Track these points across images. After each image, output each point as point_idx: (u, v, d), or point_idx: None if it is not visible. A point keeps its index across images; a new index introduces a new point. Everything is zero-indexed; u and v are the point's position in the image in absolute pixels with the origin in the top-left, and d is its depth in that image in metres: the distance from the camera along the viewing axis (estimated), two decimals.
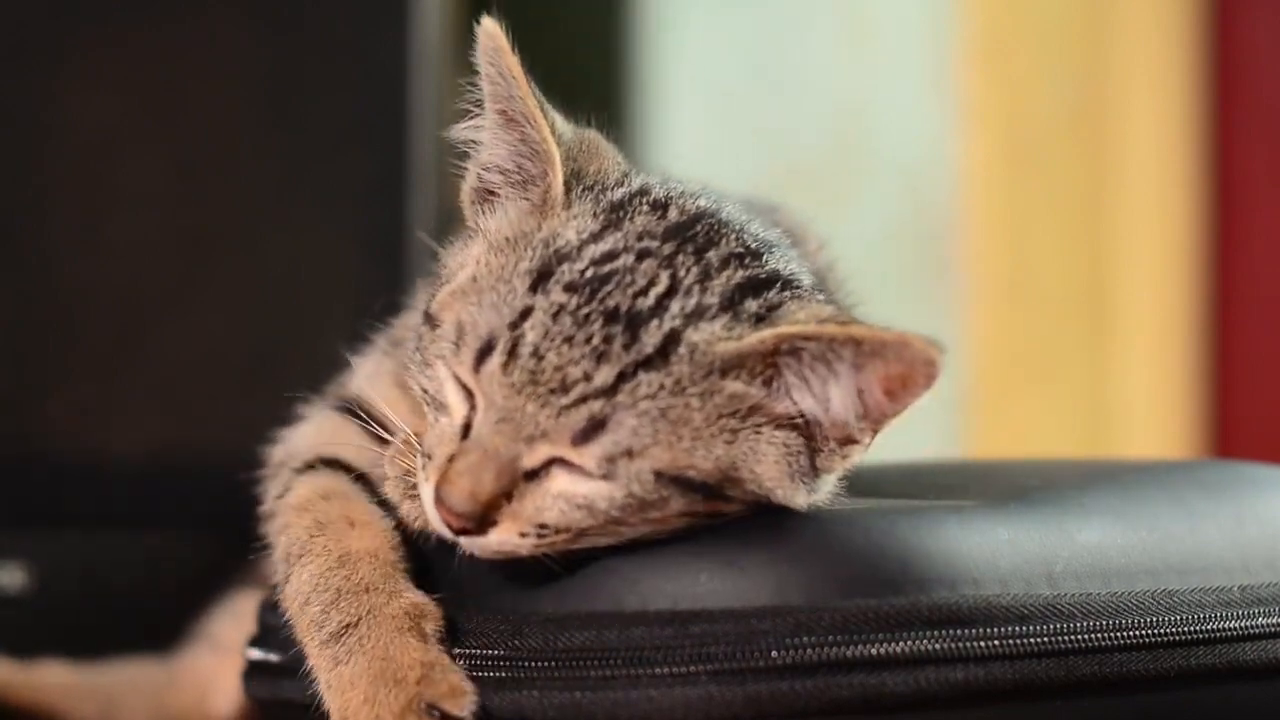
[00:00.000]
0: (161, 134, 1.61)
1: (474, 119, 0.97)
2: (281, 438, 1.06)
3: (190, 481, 1.06)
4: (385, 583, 0.92)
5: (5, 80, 1.60)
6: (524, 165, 0.95)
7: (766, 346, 0.88)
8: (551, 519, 0.87)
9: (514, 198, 0.95)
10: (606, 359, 0.87)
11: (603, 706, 0.87)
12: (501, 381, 0.87)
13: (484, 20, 0.94)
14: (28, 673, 1.36)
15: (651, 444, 0.87)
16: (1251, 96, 2.49)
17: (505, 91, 0.94)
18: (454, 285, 0.93)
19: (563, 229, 0.92)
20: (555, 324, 0.87)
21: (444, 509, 0.88)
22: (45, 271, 1.60)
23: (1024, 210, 2.34)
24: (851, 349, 0.87)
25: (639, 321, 0.87)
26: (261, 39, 1.63)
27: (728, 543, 0.89)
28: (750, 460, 0.89)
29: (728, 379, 0.88)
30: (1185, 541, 0.97)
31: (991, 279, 2.31)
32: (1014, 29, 2.33)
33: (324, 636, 0.91)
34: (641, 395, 0.86)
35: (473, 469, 0.87)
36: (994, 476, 1.06)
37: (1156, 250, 2.44)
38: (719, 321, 0.89)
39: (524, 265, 0.90)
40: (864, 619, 0.86)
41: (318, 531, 0.95)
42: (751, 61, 2.39)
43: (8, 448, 1.58)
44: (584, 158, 0.96)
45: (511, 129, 0.95)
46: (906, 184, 2.32)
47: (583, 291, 0.88)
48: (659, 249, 0.91)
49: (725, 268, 0.91)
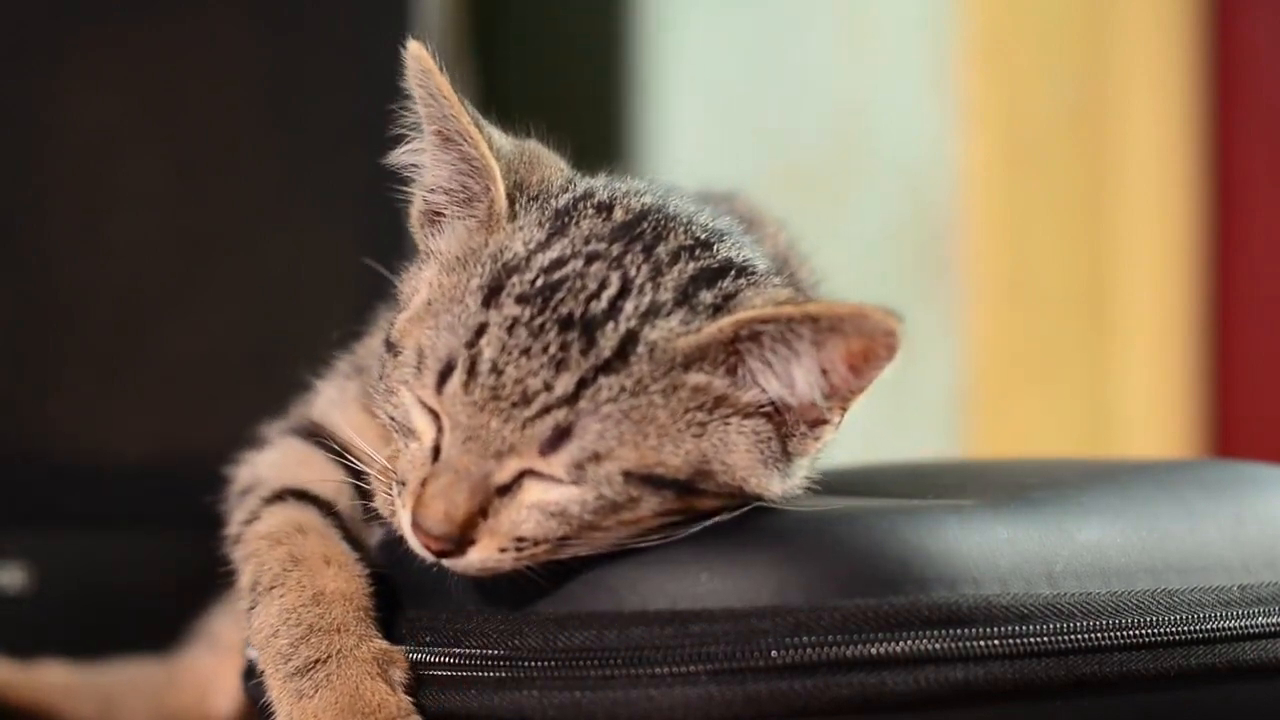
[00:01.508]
0: (161, 134, 1.61)
1: (411, 143, 0.97)
2: (245, 460, 1.06)
3: (190, 481, 1.06)
4: (357, 626, 0.93)
5: (5, 80, 1.60)
6: (466, 183, 0.95)
7: (725, 335, 0.88)
8: (528, 531, 0.87)
9: (460, 216, 0.95)
10: (565, 367, 0.87)
11: (603, 706, 0.87)
12: (464, 401, 0.87)
13: (410, 44, 0.94)
14: (28, 673, 1.36)
15: (618, 445, 0.87)
16: (1251, 96, 2.49)
17: (439, 112, 0.94)
18: (411, 310, 0.94)
19: (510, 242, 0.92)
20: (511, 337, 0.87)
21: (421, 534, 0.88)
22: (45, 271, 1.60)
23: (1024, 210, 2.34)
24: (809, 327, 0.87)
25: (594, 326, 0.87)
26: (261, 39, 1.63)
27: (728, 543, 0.89)
28: (721, 452, 0.89)
29: (690, 373, 0.88)
30: (1185, 541, 0.97)
31: (991, 279, 2.31)
32: (1014, 29, 2.33)
33: (290, 670, 0.91)
34: (604, 399, 0.86)
35: (445, 491, 0.87)
36: (993, 476, 1.06)
37: (1156, 250, 2.44)
38: (675, 317, 0.89)
39: (475, 282, 0.90)
40: (864, 618, 0.86)
41: (292, 565, 0.95)
42: (751, 61, 2.38)
43: (8, 448, 1.59)
44: (525, 168, 0.96)
45: (450, 148, 0.95)
46: (906, 184, 2.32)
47: (535, 302, 0.88)
48: (607, 251, 0.91)
49: (676, 262, 0.91)
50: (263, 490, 1.02)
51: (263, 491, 1.02)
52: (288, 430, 1.06)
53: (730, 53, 2.38)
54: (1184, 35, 2.46)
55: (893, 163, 2.32)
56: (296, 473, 1.02)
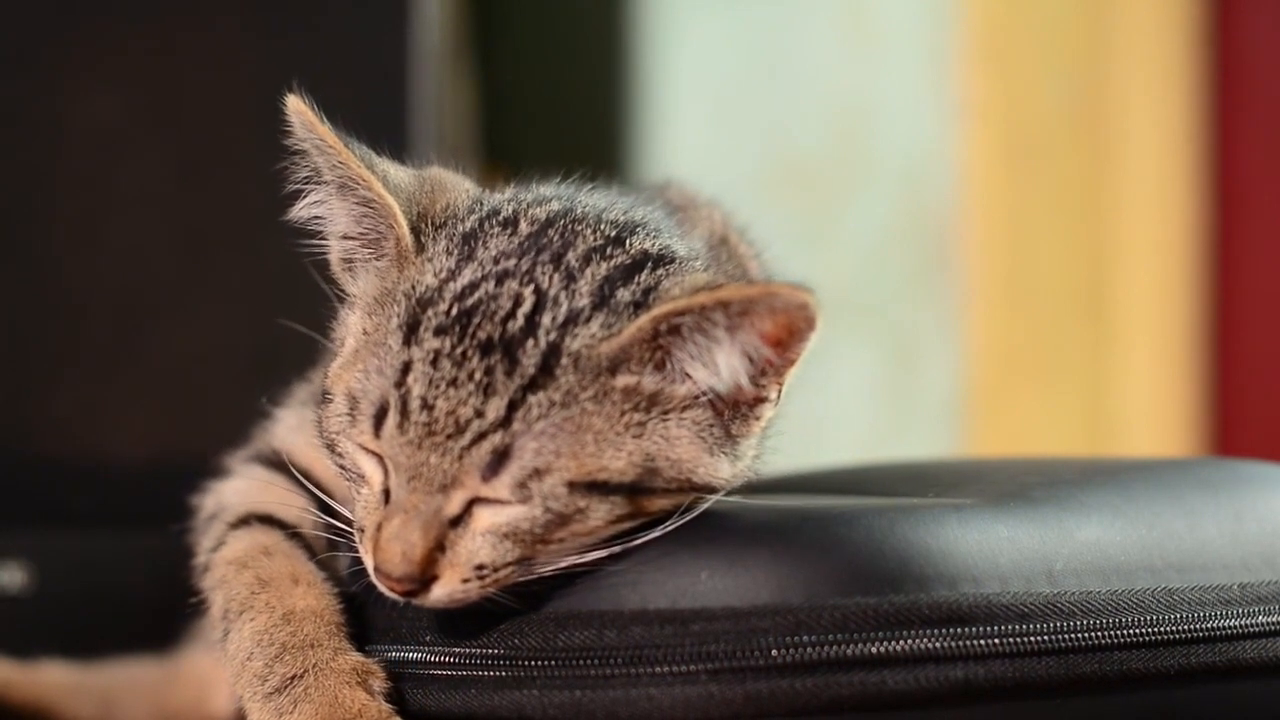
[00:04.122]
0: (161, 134, 1.61)
1: (309, 196, 0.96)
2: (209, 489, 1.06)
3: (190, 481, 1.07)
4: (330, 640, 0.93)
5: (5, 80, 1.60)
6: (370, 225, 0.95)
7: (646, 333, 0.88)
8: (486, 557, 0.88)
9: (372, 258, 0.95)
10: (493, 391, 0.86)
11: (603, 705, 0.87)
12: (402, 441, 0.87)
13: (288, 100, 0.94)
14: (28, 672, 1.36)
15: (556, 459, 0.87)
16: (1251, 96, 2.49)
17: (328, 162, 0.94)
18: (341, 358, 0.94)
19: (421, 275, 0.91)
20: (436, 371, 0.87)
21: (384, 578, 0.88)
22: (45, 271, 1.60)
23: (1024, 210, 2.34)
24: (723, 313, 0.87)
25: (514, 345, 0.87)
26: (261, 39, 1.63)
27: (728, 541, 0.89)
28: (665, 448, 0.89)
29: (618, 376, 0.88)
30: (1185, 539, 0.97)
31: (991, 279, 2.31)
32: (1014, 29, 2.33)
33: (267, 690, 0.91)
34: (535, 417, 0.86)
35: (399, 533, 0.87)
36: (993, 475, 1.06)
37: (1157, 250, 2.44)
38: (595, 321, 0.88)
39: (394, 321, 0.90)
40: (864, 617, 0.86)
41: (259, 588, 0.96)
42: (751, 61, 2.38)
43: (7, 448, 1.58)
44: (428, 198, 0.95)
45: (347, 195, 0.94)
46: (906, 184, 2.32)
47: (454, 331, 0.88)
48: (517, 267, 0.90)
49: (588, 265, 0.91)
50: (227, 516, 1.02)
51: (227, 517, 1.02)
52: (250, 458, 1.06)
53: (730, 53, 2.38)
54: (1184, 34, 2.46)
55: (893, 162, 2.32)
56: (260, 498, 1.02)
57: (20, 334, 1.60)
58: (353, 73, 1.64)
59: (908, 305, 2.31)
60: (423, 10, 1.64)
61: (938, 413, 2.26)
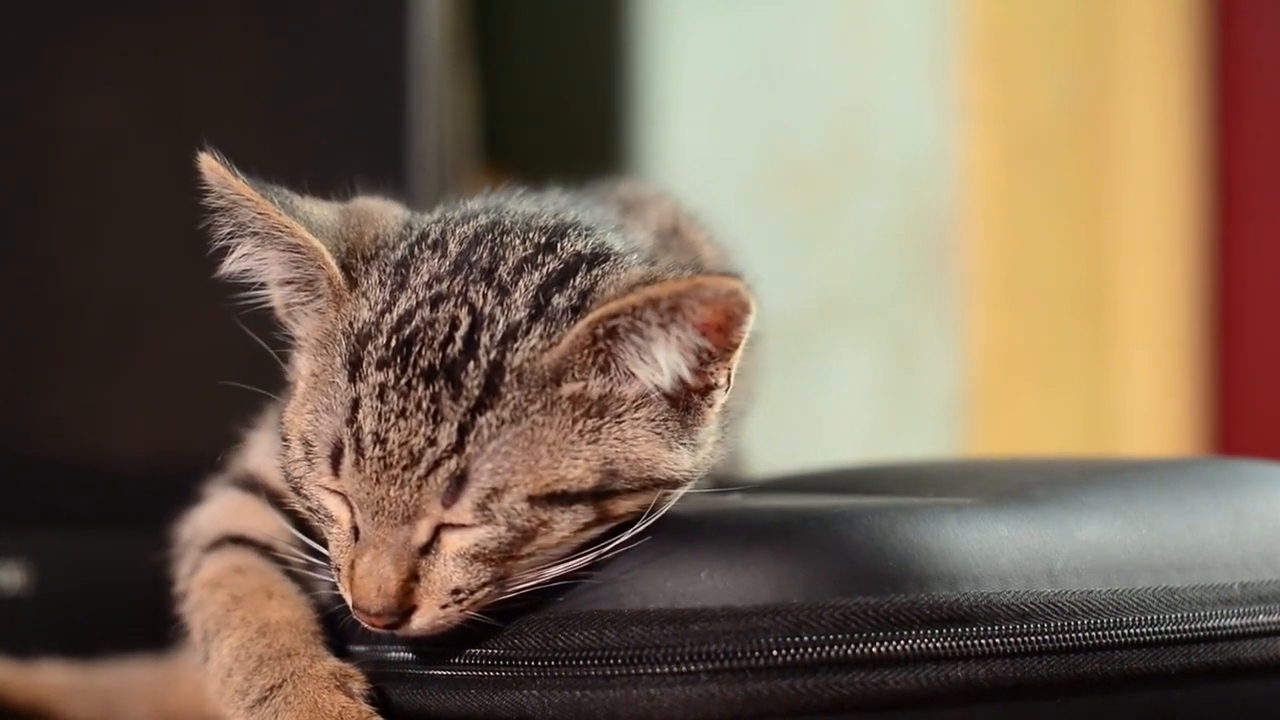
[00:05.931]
0: (161, 134, 1.61)
1: (237, 250, 0.96)
2: (187, 517, 1.06)
3: (190, 481, 1.07)
4: (307, 649, 0.93)
5: (5, 80, 1.60)
6: (301, 269, 0.95)
7: (584, 340, 0.88)
8: (459, 581, 0.88)
9: (310, 300, 0.95)
10: (442, 418, 0.86)
11: (603, 705, 0.87)
12: (360, 478, 0.88)
13: (200, 159, 0.94)
14: (27, 673, 1.36)
15: (513, 475, 0.87)
16: (1252, 96, 2.49)
17: (248, 214, 0.94)
18: (294, 401, 0.94)
19: (357, 311, 0.92)
20: (384, 404, 0.87)
21: (363, 614, 0.89)
22: (45, 271, 1.60)
23: (1024, 210, 2.34)
24: (653, 310, 0.87)
25: (456, 369, 0.87)
26: (261, 38, 1.63)
27: (728, 541, 0.89)
28: (621, 449, 0.89)
29: (563, 384, 0.88)
30: (1185, 538, 0.97)
31: (991, 279, 2.31)
32: (1014, 29, 2.33)
33: (248, 704, 0.92)
34: (487, 438, 0.86)
35: (371, 569, 0.88)
36: (994, 475, 1.06)
37: (1157, 250, 2.44)
38: (535, 333, 0.88)
39: (338, 360, 0.90)
40: (865, 617, 0.86)
41: (234, 605, 0.96)
42: (751, 61, 2.38)
43: (7, 448, 1.58)
44: (355, 232, 0.95)
45: (272, 243, 0.94)
46: (906, 184, 2.32)
47: (395, 363, 0.88)
48: (449, 288, 0.90)
49: (520, 276, 0.90)
50: (201, 541, 1.03)
51: (201, 542, 1.03)
52: (226, 482, 1.07)
53: (730, 53, 2.38)
54: (1184, 35, 2.46)
55: (893, 162, 2.32)
56: (233, 520, 1.03)
57: (20, 334, 1.60)
58: (353, 73, 1.64)
59: (908, 305, 2.31)
60: (423, 10, 1.64)
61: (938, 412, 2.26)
